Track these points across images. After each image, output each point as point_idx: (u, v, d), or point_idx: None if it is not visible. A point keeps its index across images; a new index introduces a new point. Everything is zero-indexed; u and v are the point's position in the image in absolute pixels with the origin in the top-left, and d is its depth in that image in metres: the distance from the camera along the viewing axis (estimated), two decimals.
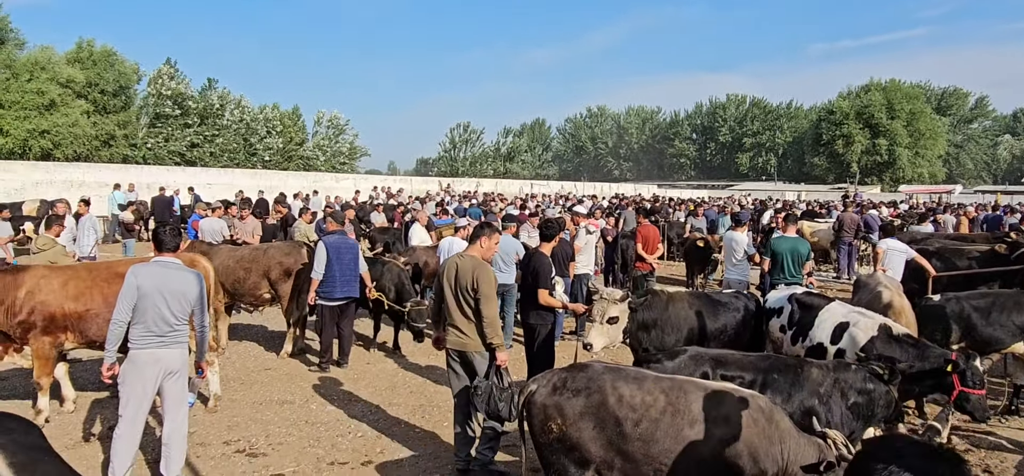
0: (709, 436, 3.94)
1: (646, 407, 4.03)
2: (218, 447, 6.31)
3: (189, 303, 5.19)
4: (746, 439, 3.92)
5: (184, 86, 48.64)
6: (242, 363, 9.09)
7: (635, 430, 4.01)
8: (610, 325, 6.46)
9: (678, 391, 4.10)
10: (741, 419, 3.96)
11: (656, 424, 3.99)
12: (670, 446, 3.96)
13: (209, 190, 27.83)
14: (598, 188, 58.23)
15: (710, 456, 3.92)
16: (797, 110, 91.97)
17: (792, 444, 3.97)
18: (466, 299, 5.66)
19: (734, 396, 4.10)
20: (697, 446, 3.93)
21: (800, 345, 6.62)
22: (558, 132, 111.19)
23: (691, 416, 3.99)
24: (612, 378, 4.19)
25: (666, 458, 3.96)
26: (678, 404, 4.02)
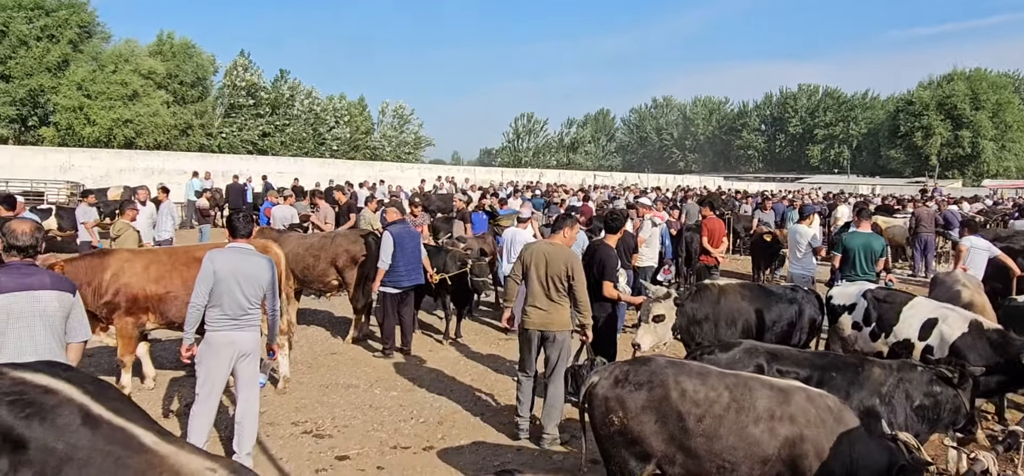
0: (774, 434, 3.86)
1: (710, 403, 3.98)
2: (287, 427, 6.54)
3: (262, 287, 5.39)
4: (813, 439, 3.83)
5: (257, 77, 50.24)
6: (309, 347, 9.38)
7: (698, 426, 3.96)
8: (656, 323, 6.47)
9: (743, 388, 4.03)
10: (808, 418, 3.87)
11: (720, 420, 3.93)
12: (734, 443, 3.90)
13: (280, 178, 28.73)
14: (662, 180, 57.43)
15: (775, 455, 3.85)
16: (873, 100, 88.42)
17: (861, 447, 3.85)
18: (556, 284, 6.13)
19: (801, 394, 4.01)
20: (762, 444, 3.87)
21: (881, 342, 6.42)
22: (622, 123, 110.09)
23: (756, 413, 3.92)
24: (675, 372, 4.15)
25: (730, 455, 3.91)
26: (743, 401, 3.96)
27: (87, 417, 2.70)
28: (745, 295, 7.12)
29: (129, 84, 40.31)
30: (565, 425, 6.79)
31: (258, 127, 48.85)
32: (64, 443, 2.62)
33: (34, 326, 3.91)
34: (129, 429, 2.70)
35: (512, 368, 8.68)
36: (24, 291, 3.89)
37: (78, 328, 4.18)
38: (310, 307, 11.59)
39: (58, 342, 4.03)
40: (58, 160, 29.54)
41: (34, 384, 2.79)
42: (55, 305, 4.00)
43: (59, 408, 2.70)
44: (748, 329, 6.83)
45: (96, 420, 2.70)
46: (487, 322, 11.06)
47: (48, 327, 3.97)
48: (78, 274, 6.75)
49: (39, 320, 3.93)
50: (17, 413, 2.67)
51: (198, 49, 46.52)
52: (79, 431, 2.65)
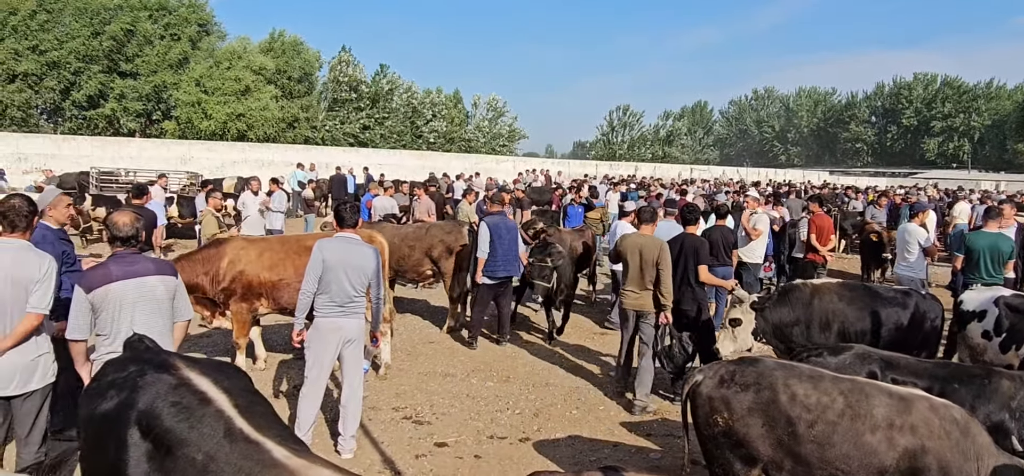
0: (893, 445, 3.66)
1: (822, 408, 3.81)
2: (387, 412, 6.74)
3: (367, 276, 5.57)
4: (936, 452, 3.61)
5: (359, 72, 51.90)
6: (408, 335, 9.62)
7: (809, 431, 3.80)
8: (734, 328, 6.33)
9: (859, 393, 3.83)
10: (931, 429, 3.65)
11: (833, 427, 3.76)
12: (848, 452, 3.73)
13: (379, 170, 29.60)
14: (763, 174, 55.47)
15: (894, 467, 3.65)
16: (999, 90, 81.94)
17: (990, 462, 3.60)
18: (647, 271, 6.89)
19: (923, 403, 3.78)
20: (879, 454, 3.68)
21: (1012, 353, 5.95)
22: (721, 115, 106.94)
23: (873, 421, 3.72)
24: (785, 375, 3.99)
25: (843, 464, 3.74)
26: (859, 408, 3.77)
27: (229, 430, 2.92)
28: (843, 296, 6.65)
29: (242, 80, 42.51)
30: (664, 423, 6.69)
31: (359, 120, 50.47)
32: (203, 453, 2.84)
33: (145, 310, 4.25)
34: (264, 444, 2.87)
35: (607, 362, 8.63)
36: (133, 278, 4.24)
37: (183, 308, 4.56)
38: (408, 296, 11.89)
39: (166, 322, 4.39)
40: (179, 152, 31.59)
41: (196, 388, 3.08)
42: (161, 289, 4.35)
43: (207, 418, 2.94)
44: (845, 333, 6.40)
45: (236, 433, 2.91)
46: (583, 316, 11.00)
47: (157, 309, 4.32)
48: (198, 264, 7.25)
49: (149, 304, 4.28)
50: (173, 417, 2.95)
51: (306, 46, 48.54)
52: (220, 443, 2.87)
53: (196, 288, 7.05)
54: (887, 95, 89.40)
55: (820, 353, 4.95)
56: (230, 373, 3.39)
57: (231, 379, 3.28)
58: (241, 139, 40.65)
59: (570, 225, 13.42)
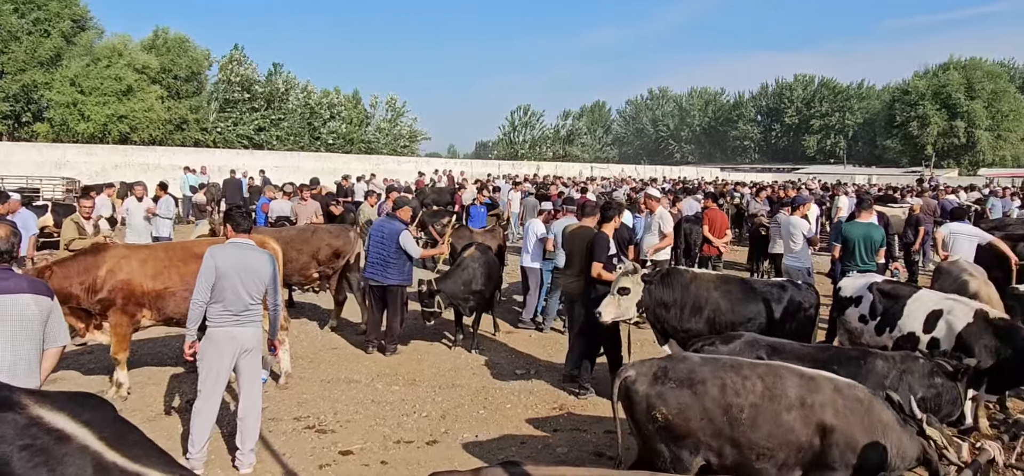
0: (806, 422, 3.92)
1: (747, 393, 4.06)
2: (289, 423, 6.51)
3: (264, 283, 5.36)
4: (843, 429, 3.86)
5: (251, 71, 49.96)
6: (309, 342, 9.34)
7: (740, 416, 4.03)
8: (621, 296, 6.52)
9: (773, 375, 4.10)
10: (837, 408, 3.92)
11: (757, 410, 4.01)
12: (771, 430, 3.99)
13: (276, 173, 28.64)
14: (659, 171, 57.42)
15: (808, 443, 3.91)
16: (869, 90, 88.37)
17: (895, 438, 3.87)
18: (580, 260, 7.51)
19: (829, 383, 4.04)
20: (795, 431, 3.95)
21: (886, 335, 6.39)
22: (619, 114, 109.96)
23: (788, 401, 3.99)
24: (713, 367, 4.23)
25: (767, 443, 4.00)
26: (775, 389, 4.04)
27: (100, 466, 2.63)
28: (719, 286, 6.98)
29: (123, 79, 40.04)
30: (570, 417, 6.79)
31: (253, 121, 48.59)
32: None
33: (11, 331, 3.76)
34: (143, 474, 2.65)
35: (513, 361, 8.69)
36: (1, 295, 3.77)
37: (57, 332, 4.04)
38: (310, 302, 11.55)
39: (36, 347, 3.88)
40: (53, 156, 29.39)
41: (50, 427, 2.69)
42: (33, 309, 3.86)
43: (69, 457, 2.62)
44: (714, 320, 6.72)
45: (110, 468, 2.63)
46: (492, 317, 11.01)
47: (26, 331, 3.82)
48: (72, 271, 6.68)
49: (17, 325, 3.78)
50: (27, 462, 2.58)
51: (192, 44, 46.27)
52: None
53: (69, 298, 6.46)
54: (771, 95, 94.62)
55: (713, 342, 5.18)
56: (90, 403, 2.98)
57: (92, 410, 2.90)
58: (124, 142, 38.31)
59: (473, 225, 13.42)
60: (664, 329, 7.00)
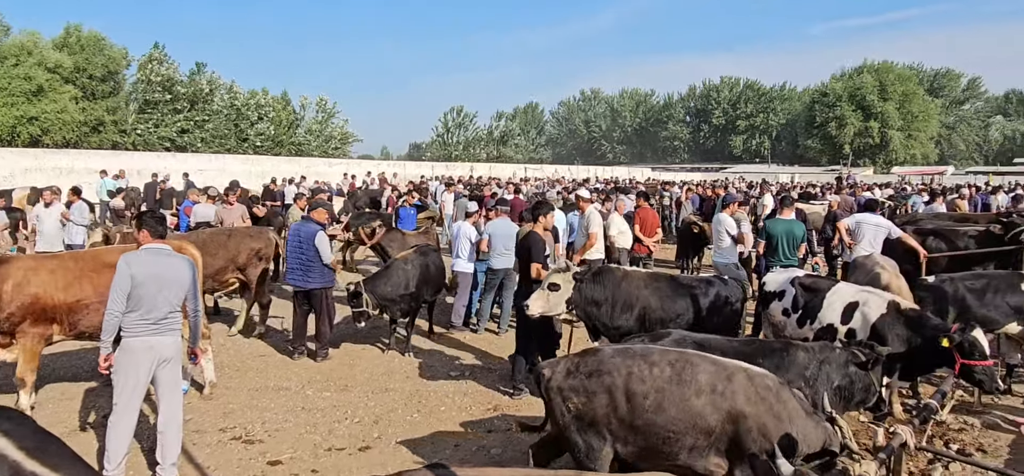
0: (716, 408, 4.04)
1: (654, 379, 4.19)
2: (214, 434, 6.29)
3: (182, 290, 5.16)
4: (754, 415, 3.98)
5: (172, 71, 48.18)
6: (236, 350, 9.05)
7: (645, 402, 4.17)
8: (551, 292, 6.58)
9: (685, 363, 4.22)
10: (748, 395, 4.04)
11: (664, 394, 4.14)
12: (677, 415, 4.10)
13: (201, 176, 27.68)
14: (592, 172, 58.19)
15: (718, 429, 4.03)
16: (790, 92, 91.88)
17: (801, 425, 4.00)
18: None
19: (741, 372, 4.16)
20: (705, 417, 4.06)
21: (808, 328, 6.62)
22: (552, 115, 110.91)
23: (698, 387, 4.11)
24: (622, 358, 4.37)
25: (674, 427, 4.11)
26: (685, 375, 4.16)
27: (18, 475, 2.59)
28: (648, 283, 7.13)
29: (33, 79, 38.03)
30: (504, 418, 6.79)
31: (176, 123, 46.90)
32: None
33: None
34: None
35: (447, 363, 8.63)
36: None
37: None
38: (236, 309, 11.20)
39: None
40: None
41: None
42: None
43: None
44: (644, 317, 6.87)
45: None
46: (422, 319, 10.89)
47: None
48: None
49: None
50: None
51: (108, 42, 44.32)
52: None
53: None
54: (698, 96, 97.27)
55: (642, 340, 5.26)
56: (8, 415, 2.95)
57: (10, 421, 2.86)
58: (34, 145, 36.36)
59: (403, 227, 13.24)
60: (595, 327, 7.09)
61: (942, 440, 6.29)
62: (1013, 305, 7.32)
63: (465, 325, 10.21)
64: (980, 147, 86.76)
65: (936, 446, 6.01)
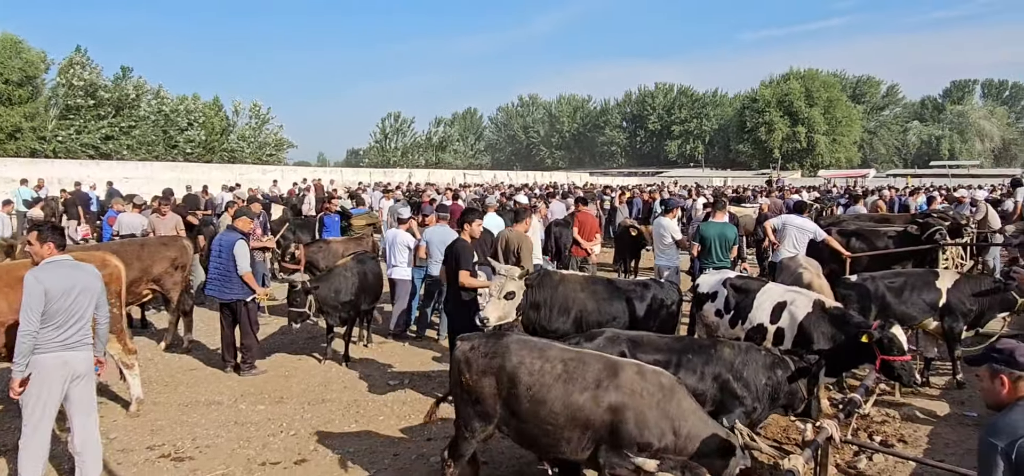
0: (598, 402, 4.24)
1: (542, 373, 4.44)
2: (141, 452, 6.04)
3: (93, 300, 4.94)
4: (635, 408, 4.17)
5: (95, 75, 46.19)
6: (165, 365, 8.74)
7: (528, 393, 4.43)
8: (506, 300, 6.61)
9: (579, 361, 4.43)
10: (634, 390, 4.23)
11: (547, 388, 4.39)
12: (558, 409, 4.35)
13: (127, 184, 26.63)
14: (531, 177, 58.50)
15: (599, 421, 4.26)
16: (722, 98, 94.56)
17: (690, 424, 4.15)
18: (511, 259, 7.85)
19: (632, 369, 4.36)
20: (585, 410, 4.29)
21: (739, 328, 6.79)
22: (490, 121, 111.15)
23: (584, 383, 4.31)
24: (518, 346, 4.62)
25: (553, 420, 4.37)
26: (574, 372, 4.39)
27: None
28: (585, 286, 7.22)
29: None
30: (445, 424, 6.74)
31: (100, 129, 44.98)
32: None
33: None
34: None
35: (386, 372, 8.52)
36: None
37: None
38: (165, 323, 10.82)
39: None
40: None
41: None
42: None
43: None
44: (581, 319, 6.94)
45: None
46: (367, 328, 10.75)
47: None
48: None
49: None
50: None
51: (25, 45, 42.19)
52: None
53: None
54: (634, 102, 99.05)
55: (577, 341, 5.34)
56: None
57: None
58: None
59: (328, 236, 12.89)
60: (535, 330, 7.11)
61: (866, 432, 6.56)
62: (929, 302, 7.69)
63: (405, 333, 10.11)
64: (899, 151, 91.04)
65: (860, 438, 6.26)
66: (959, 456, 5.87)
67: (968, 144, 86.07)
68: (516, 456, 5.88)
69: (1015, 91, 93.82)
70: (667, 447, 4.11)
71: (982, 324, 7.76)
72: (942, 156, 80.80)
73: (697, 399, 4.82)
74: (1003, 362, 2.93)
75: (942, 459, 5.78)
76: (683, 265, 12.43)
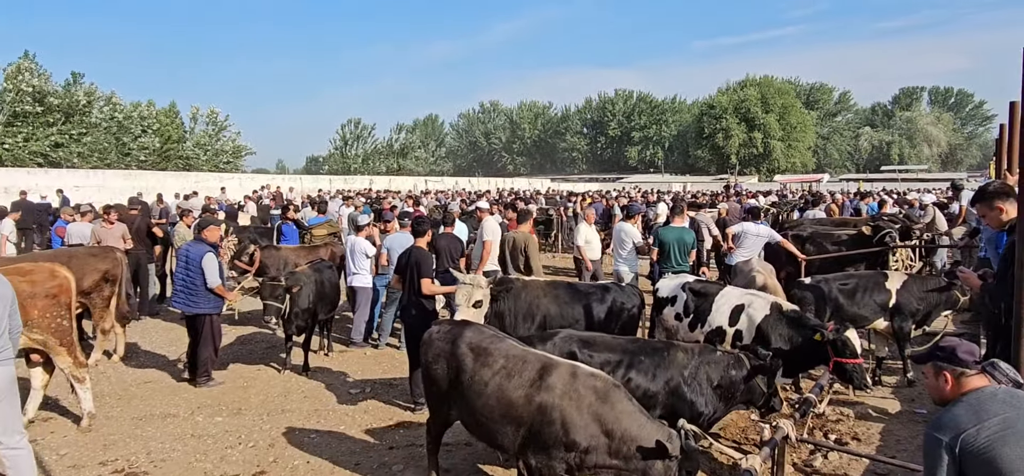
0: (529, 400, 4.41)
1: (483, 366, 4.69)
2: (94, 469, 5.88)
3: (7, 310, 4.65)
4: (562, 408, 4.27)
5: (44, 81, 44.86)
6: (118, 377, 8.52)
7: (471, 382, 4.71)
8: (475, 309, 6.67)
9: (519, 360, 4.59)
10: (565, 390, 4.33)
11: (485, 383, 4.62)
12: (492, 403, 4.57)
13: (78, 192, 25.92)
14: (493, 184, 58.53)
15: (528, 418, 4.40)
16: (681, 105, 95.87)
17: (626, 425, 4.19)
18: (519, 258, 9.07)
19: (567, 370, 4.45)
20: (517, 407, 4.46)
21: (698, 331, 6.89)
22: (452, 128, 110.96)
23: (520, 380, 4.50)
24: (471, 335, 4.93)
25: (488, 412, 4.60)
26: (513, 369, 4.58)
27: None
28: (547, 292, 7.29)
29: None
30: (408, 433, 6.69)
31: (49, 137, 43.66)
32: None
33: None
34: None
35: (348, 380, 8.44)
36: None
37: None
38: None
39: None
40: None
41: None
42: None
43: None
44: (545, 324, 7.01)
45: None
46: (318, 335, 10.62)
47: None
48: None
49: None
50: None
51: None
52: None
53: None
54: (595, 109, 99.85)
55: (532, 341, 5.38)
56: None
57: None
58: None
59: (286, 243, 12.75)
60: None
61: (821, 431, 6.72)
62: (879, 302, 7.92)
63: (366, 341, 10.03)
64: (852, 155, 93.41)
65: (816, 437, 6.41)
66: (911, 452, 6.04)
67: (917, 149, 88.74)
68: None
69: (960, 98, 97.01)
70: (596, 447, 4.18)
71: (929, 322, 8.01)
72: (892, 161, 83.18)
73: (648, 401, 4.90)
74: (945, 359, 3.03)
75: (894, 455, 5.96)
76: (643, 270, 12.58)
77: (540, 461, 4.33)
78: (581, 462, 4.21)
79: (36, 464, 4.96)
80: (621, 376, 5.00)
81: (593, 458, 4.19)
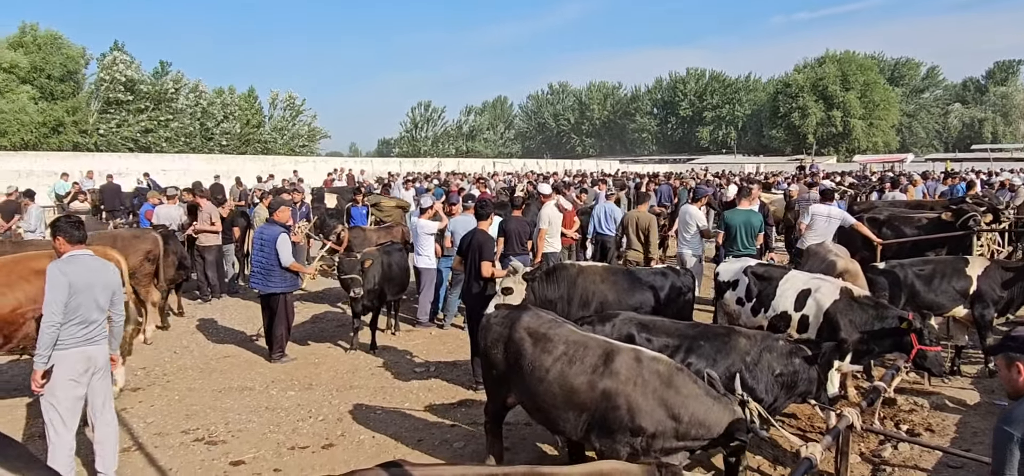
0: (593, 386, 4.36)
1: (543, 352, 4.64)
2: (176, 436, 6.26)
3: (111, 295, 5.02)
4: (628, 395, 4.22)
5: (134, 70, 47.25)
6: (200, 352, 9.00)
7: (530, 366, 4.67)
8: (506, 296, 6.69)
9: (580, 345, 4.54)
10: (630, 376, 4.28)
11: (546, 370, 4.58)
12: (555, 390, 4.52)
13: (165, 176, 27.26)
14: (561, 165, 58.31)
15: (592, 405, 4.36)
16: (755, 83, 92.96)
17: (692, 409, 4.14)
18: None
19: (630, 355, 4.40)
20: (580, 393, 4.42)
21: (762, 316, 6.75)
22: (520, 109, 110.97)
23: (582, 366, 4.43)
24: (529, 320, 4.89)
25: (550, 398, 4.56)
26: (574, 355, 4.53)
27: None
28: (605, 278, 7.22)
29: None
30: (469, 412, 6.85)
31: (139, 123, 46.03)
32: None
33: None
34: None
35: (413, 360, 8.66)
36: None
37: None
38: (207, 313, 11.13)
39: None
40: None
41: None
42: None
43: None
44: (603, 310, 6.90)
45: None
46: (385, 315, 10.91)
47: None
48: None
49: None
50: None
51: (66, 41, 43.33)
52: None
53: None
54: (665, 89, 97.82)
55: (591, 322, 5.39)
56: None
57: None
58: None
59: (354, 224, 13.09)
60: None
61: (893, 421, 6.51)
62: (958, 289, 7.58)
63: (431, 321, 10.25)
64: (940, 134, 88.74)
65: (887, 427, 6.22)
66: (986, 446, 5.77)
67: (1012, 127, 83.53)
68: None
69: None
70: (663, 432, 4.14)
71: (1014, 310, 7.62)
72: (985, 139, 78.46)
73: None
74: (1018, 349, 2.90)
75: (969, 448, 5.71)
76: (708, 253, 12.36)
77: (605, 445, 4.32)
78: (648, 447, 4.18)
79: (124, 431, 5.28)
80: (680, 361, 4.96)
81: (660, 443, 4.16)
